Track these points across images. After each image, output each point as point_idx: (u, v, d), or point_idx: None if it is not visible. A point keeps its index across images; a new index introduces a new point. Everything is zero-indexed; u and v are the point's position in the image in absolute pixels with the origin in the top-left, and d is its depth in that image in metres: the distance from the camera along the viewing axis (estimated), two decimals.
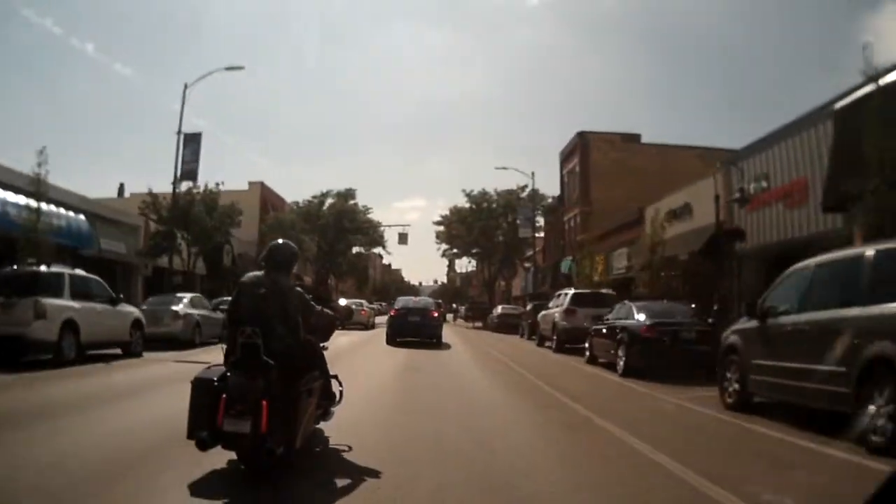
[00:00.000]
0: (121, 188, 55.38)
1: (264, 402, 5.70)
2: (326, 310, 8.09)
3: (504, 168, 62.33)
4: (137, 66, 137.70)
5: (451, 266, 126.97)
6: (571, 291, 27.51)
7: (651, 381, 15.33)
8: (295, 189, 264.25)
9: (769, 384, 10.63)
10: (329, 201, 68.60)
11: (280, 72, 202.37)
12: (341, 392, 7.93)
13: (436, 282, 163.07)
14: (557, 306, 26.94)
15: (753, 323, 11.30)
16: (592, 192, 53.46)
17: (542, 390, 14.25)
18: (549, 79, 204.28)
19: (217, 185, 38.23)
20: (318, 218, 65.99)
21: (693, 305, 20.30)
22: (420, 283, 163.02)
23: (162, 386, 12.84)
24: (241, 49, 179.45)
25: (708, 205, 29.55)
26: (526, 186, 64.57)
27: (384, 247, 76.10)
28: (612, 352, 18.11)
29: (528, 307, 40.71)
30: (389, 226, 72.71)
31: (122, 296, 19.85)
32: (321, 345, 7.71)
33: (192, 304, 24.87)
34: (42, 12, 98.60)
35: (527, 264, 75.29)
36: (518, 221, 61.15)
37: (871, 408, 7.82)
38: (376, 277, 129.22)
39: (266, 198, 66.41)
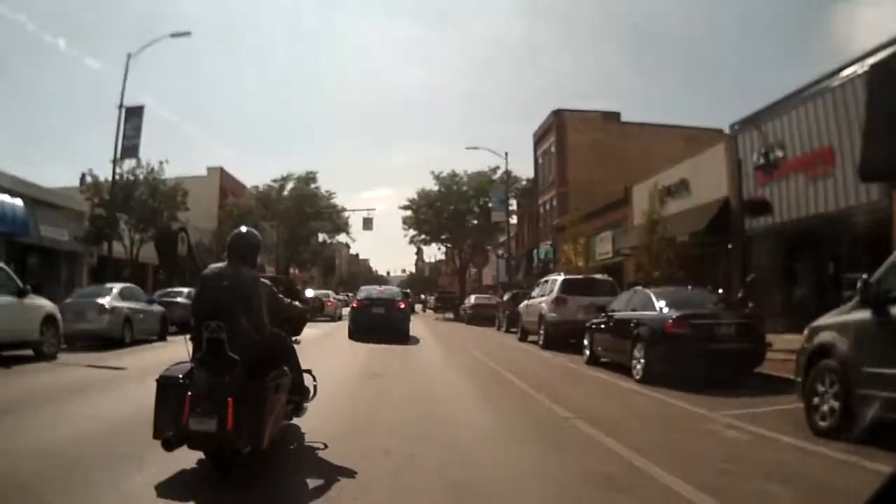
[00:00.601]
0: (82, 177, 51.07)
1: (229, 400, 5.47)
2: (296, 302, 7.81)
3: (475, 148, 56.98)
4: (107, 59, 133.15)
5: (419, 255, 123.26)
6: (561, 277, 24.08)
7: (680, 390, 12.02)
8: (260, 179, 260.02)
9: (892, 402, 7.27)
10: (290, 186, 64.27)
11: (246, 62, 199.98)
12: (315, 387, 7.62)
13: (404, 271, 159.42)
14: (543, 295, 23.78)
15: (862, 314, 8.07)
16: (569, 172, 51.06)
17: (541, 407, 10.81)
18: (518, 69, 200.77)
19: (161, 163, 34.45)
20: (278, 203, 61.57)
21: (720, 291, 17.11)
22: (388, 273, 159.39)
23: (52, 399, 10.31)
24: (206, 40, 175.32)
25: (711, 179, 26.98)
26: (498, 168, 61.00)
27: (348, 233, 71.60)
28: (625, 352, 14.67)
29: (506, 296, 37.22)
30: (354, 210, 68.23)
31: (29, 287, 16.41)
32: (293, 338, 7.43)
33: (122, 296, 21.33)
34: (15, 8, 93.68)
35: (499, 251, 72.36)
36: (490, 205, 57.48)
37: None
38: (343, 267, 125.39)
39: (225, 184, 63.29)
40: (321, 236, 71.75)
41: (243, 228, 7.09)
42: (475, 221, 63.50)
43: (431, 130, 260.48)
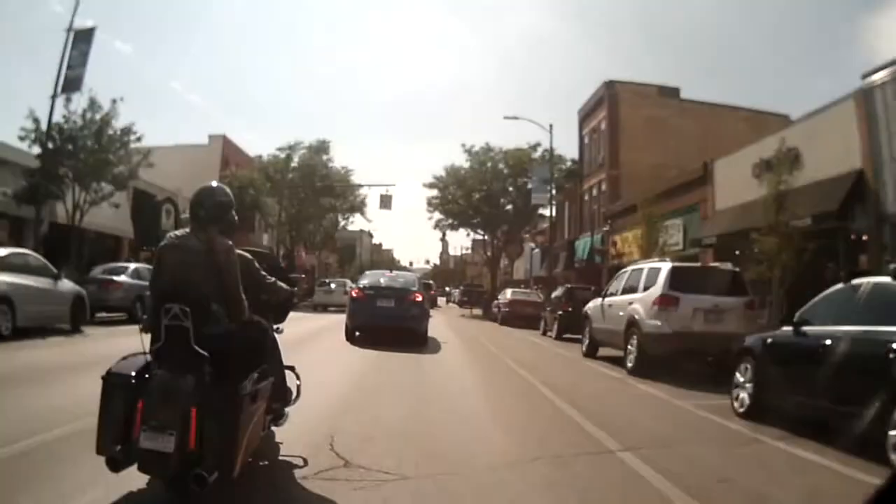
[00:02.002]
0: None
1: (193, 410, 4.40)
2: (281, 283, 6.27)
3: (515, 118, 49.01)
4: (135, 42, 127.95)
5: (444, 245, 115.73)
6: (667, 265, 16.01)
7: None
8: (267, 151, 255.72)
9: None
10: (299, 156, 57.07)
11: (277, 52, 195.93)
12: (298, 387, 6.58)
13: (427, 262, 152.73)
14: (631, 291, 16.96)
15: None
16: (622, 152, 45.27)
17: None
18: (547, 63, 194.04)
19: (114, 101, 27.96)
20: (283, 174, 54.65)
21: None
22: (411, 264, 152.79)
23: None
24: (238, 27, 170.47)
25: (834, 146, 20.48)
26: (539, 145, 53.44)
27: (363, 213, 63.82)
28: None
29: (557, 293, 30.11)
30: (371, 185, 59.81)
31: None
32: (274, 327, 6.36)
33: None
34: None
35: (531, 244, 65.31)
36: (530, 185, 50.17)
37: None
38: (363, 256, 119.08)
39: (228, 154, 57.75)
40: (335, 216, 63.99)
41: (213, 183, 5.56)
42: (509, 206, 55.38)
43: (462, 125, 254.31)
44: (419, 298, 20.07)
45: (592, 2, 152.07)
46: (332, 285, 45.70)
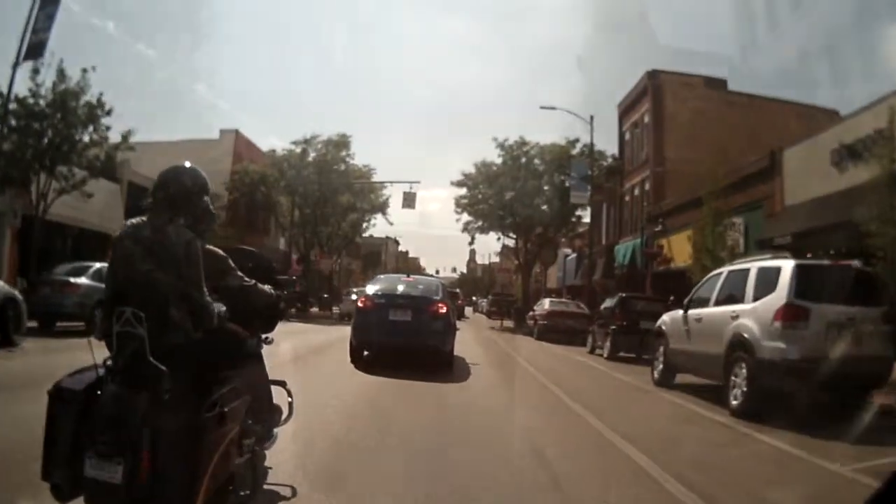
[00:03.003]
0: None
1: (146, 435, 3.82)
2: (264, 286, 5.50)
3: (552, 108, 45.19)
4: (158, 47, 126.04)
5: (472, 249, 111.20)
6: (790, 263, 11.81)
7: None
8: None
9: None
10: (315, 151, 53.02)
11: (300, 55, 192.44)
12: (290, 404, 5.93)
13: (454, 270, 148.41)
14: (733, 300, 12.93)
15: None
16: (667, 148, 42.05)
17: None
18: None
19: (84, 71, 24.32)
20: (298, 169, 50.71)
21: None
22: (437, 272, 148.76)
23: None
24: (260, 30, 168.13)
25: None
26: (577, 141, 49.46)
27: (385, 213, 59.11)
28: None
29: (609, 302, 26.13)
30: (392, 182, 55.70)
31: None
32: (264, 337, 5.75)
33: None
34: None
35: (566, 250, 61.31)
36: (569, 183, 46.14)
37: None
38: (389, 264, 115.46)
39: (241, 150, 54.63)
40: (356, 217, 59.60)
41: (186, 164, 4.80)
42: (545, 207, 50.94)
43: (490, 129, 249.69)
44: (443, 310, 16.01)
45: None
46: (353, 296, 41.91)
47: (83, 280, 17.83)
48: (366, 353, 15.99)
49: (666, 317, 16.04)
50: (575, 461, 7.74)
